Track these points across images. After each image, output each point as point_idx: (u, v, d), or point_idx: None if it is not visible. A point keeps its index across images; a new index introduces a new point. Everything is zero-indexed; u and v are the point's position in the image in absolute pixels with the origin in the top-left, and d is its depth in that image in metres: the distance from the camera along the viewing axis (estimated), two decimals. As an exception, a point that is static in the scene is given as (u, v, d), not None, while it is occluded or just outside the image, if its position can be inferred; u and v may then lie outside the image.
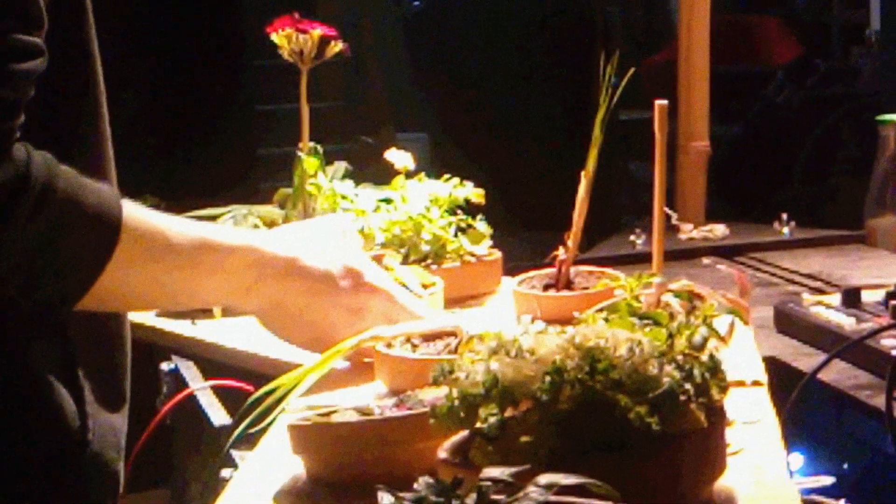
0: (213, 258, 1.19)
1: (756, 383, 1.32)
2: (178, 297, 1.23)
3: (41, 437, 1.10)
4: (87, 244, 1.06)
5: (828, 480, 1.31)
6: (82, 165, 1.07)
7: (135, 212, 1.11)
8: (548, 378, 0.93)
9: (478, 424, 0.94)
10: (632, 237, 2.41)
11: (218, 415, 1.59)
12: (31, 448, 1.10)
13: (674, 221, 2.48)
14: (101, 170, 1.14)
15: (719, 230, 2.50)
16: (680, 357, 0.98)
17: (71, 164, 1.05)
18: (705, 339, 1.04)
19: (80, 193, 1.04)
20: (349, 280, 1.30)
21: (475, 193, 1.79)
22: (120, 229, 1.07)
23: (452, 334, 1.35)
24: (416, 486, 0.82)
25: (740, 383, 1.30)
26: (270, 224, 1.96)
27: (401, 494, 0.82)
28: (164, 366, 1.81)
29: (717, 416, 0.99)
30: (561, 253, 1.57)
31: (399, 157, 1.77)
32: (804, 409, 1.45)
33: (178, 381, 1.76)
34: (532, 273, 1.63)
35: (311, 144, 1.96)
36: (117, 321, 1.19)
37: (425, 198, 1.75)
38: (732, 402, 1.05)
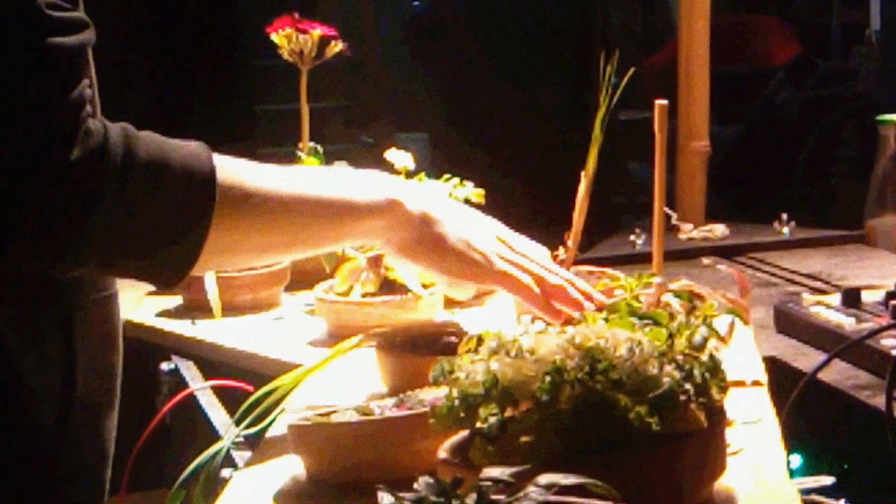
0: (351, 220, 1.17)
1: (756, 383, 1.32)
2: (302, 250, 1.21)
3: (17, 440, 1.08)
4: (182, 208, 1.02)
5: (828, 480, 1.31)
6: None
7: (239, 170, 1.08)
8: (548, 378, 0.93)
9: (478, 424, 0.94)
10: (632, 237, 2.41)
11: (218, 415, 1.59)
12: (6, 450, 1.07)
13: (674, 221, 2.47)
14: None
15: (719, 230, 2.50)
16: (680, 357, 0.98)
17: None
18: (705, 339, 1.04)
19: (164, 156, 1.01)
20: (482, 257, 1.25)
21: (475, 193, 1.79)
22: (214, 185, 1.03)
23: (452, 334, 1.35)
24: (416, 486, 0.82)
25: (740, 383, 1.30)
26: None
27: (401, 494, 0.82)
28: (164, 366, 1.82)
29: (717, 416, 0.99)
30: (561, 253, 1.57)
31: (399, 157, 1.77)
32: (804, 409, 1.45)
33: (178, 381, 1.76)
34: (532, 273, 1.63)
35: (311, 144, 1.96)
36: (110, 320, 1.17)
37: (425, 198, 1.75)
38: (732, 402, 1.05)
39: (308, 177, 1.17)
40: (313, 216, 1.14)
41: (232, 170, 1.07)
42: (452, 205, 1.29)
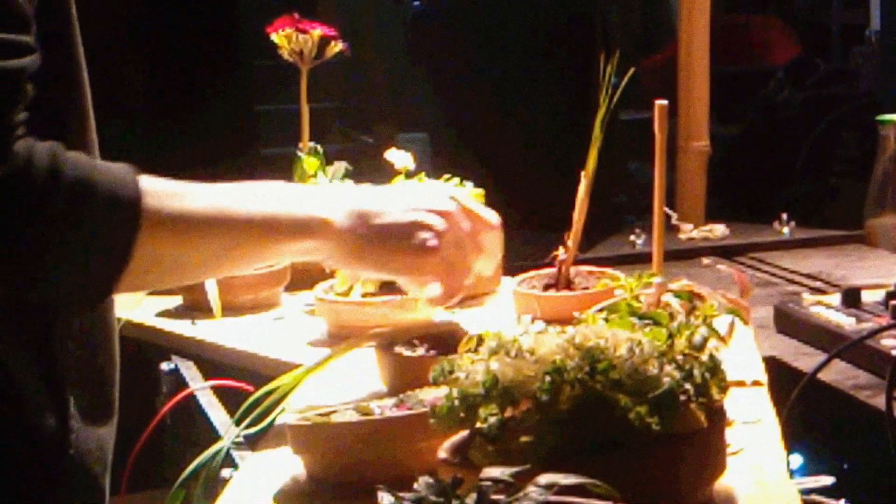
0: (276, 241, 1.17)
1: (756, 383, 1.32)
2: (233, 268, 1.22)
3: (18, 450, 1.07)
4: (104, 231, 1.02)
5: (828, 480, 1.31)
6: None
7: (165, 191, 1.07)
8: (548, 378, 0.93)
9: (478, 424, 0.94)
10: (632, 237, 2.41)
11: (218, 415, 1.59)
12: (8, 461, 1.07)
13: (674, 221, 2.48)
14: None
15: (719, 230, 2.50)
16: (680, 357, 0.98)
17: None
18: (705, 339, 1.04)
19: (89, 179, 1.01)
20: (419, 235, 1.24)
21: (475, 193, 1.79)
22: (139, 209, 1.03)
23: (452, 334, 1.35)
24: (416, 486, 0.82)
25: (740, 383, 1.30)
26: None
27: (401, 494, 0.82)
28: (164, 366, 1.82)
29: (717, 416, 0.99)
30: (561, 253, 1.57)
31: (399, 157, 1.77)
32: (804, 409, 1.45)
33: (178, 381, 1.76)
34: (532, 273, 1.63)
35: (311, 144, 1.96)
36: (105, 329, 1.16)
37: (425, 198, 1.75)
38: (732, 402, 1.05)
39: (237, 196, 1.15)
40: (238, 237, 1.14)
41: (158, 192, 1.06)
42: (380, 195, 1.27)
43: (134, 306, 1.93)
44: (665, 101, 1.45)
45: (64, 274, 1.02)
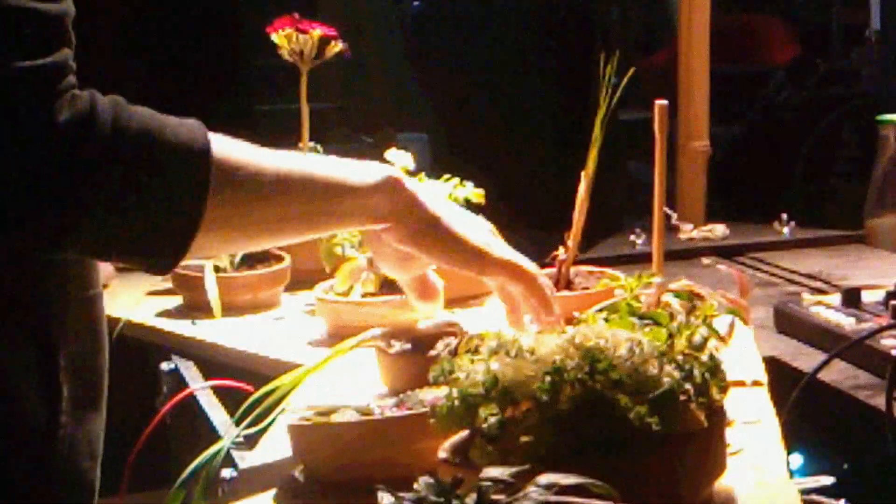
0: (350, 198, 1.13)
1: (756, 383, 1.32)
2: (300, 229, 1.14)
3: (6, 443, 1.06)
4: (176, 181, 0.98)
5: (828, 480, 1.31)
6: None
7: (240, 150, 1.04)
8: (548, 378, 0.93)
9: (478, 424, 0.94)
10: (632, 237, 2.41)
11: (218, 415, 1.59)
12: None
13: (674, 221, 2.48)
14: None
15: (719, 230, 2.50)
16: (680, 357, 0.98)
17: None
18: (705, 339, 1.04)
19: (157, 126, 0.97)
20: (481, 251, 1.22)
21: (475, 193, 1.79)
22: (209, 156, 0.99)
23: (452, 334, 1.35)
24: (416, 486, 0.82)
25: (740, 383, 1.30)
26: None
27: (401, 494, 0.82)
28: (164, 366, 1.81)
29: (717, 416, 0.99)
30: (561, 253, 1.57)
31: (399, 157, 1.77)
32: (804, 409, 1.45)
33: (178, 381, 1.76)
34: (532, 273, 1.63)
35: (311, 144, 1.96)
36: (94, 321, 1.14)
37: (425, 198, 1.75)
38: (732, 402, 1.05)
39: (304, 158, 1.14)
40: (311, 192, 1.10)
41: (227, 145, 1.03)
42: (442, 198, 1.27)
43: (134, 306, 1.93)
44: (665, 101, 1.45)
45: (137, 231, 0.98)
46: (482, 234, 1.23)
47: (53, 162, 0.93)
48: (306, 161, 1.13)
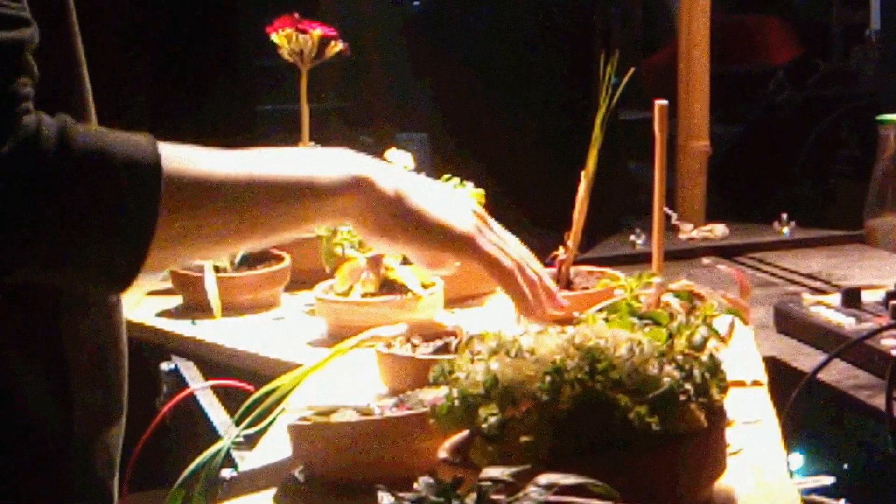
0: (314, 200, 1.10)
1: (756, 383, 1.32)
2: (266, 235, 1.10)
3: (21, 454, 1.06)
4: (126, 198, 0.96)
5: (828, 480, 1.31)
6: None
7: (189, 156, 1.02)
8: (548, 378, 0.93)
9: (478, 424, 0.94)
10: (632, 237, 2.41)
11: (218, 415, 1.59)
12: (10, 465, 1.05)
13: (674, 221, 2.47)
14: None
15: (719, 230, 2.50)
16: (680, 357, 0.98)
17: None
18: (705, 339, 1.04)
19: (104, 145, 0.96)
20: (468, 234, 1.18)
21: (475, 193, 1.79)
22: (159, 171, 0.97)
23: (452, 334, 1.36)
24: (416, 486, 0.83)
25: (740, 383, 1.30)
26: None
27: (401, 494, 0.82)
28: (164, 366, 1.81)
29: (717, 416, 0.99)
30: (561, 253, 1.57)
31: (399, 157, 1.77)
32: (804, 409, 1.45)
33: (178, 381, 1.76)
34: (532, 273, 1.63)
35: (311, 144, 1.96)
36: (113, 329, 1.13)
37: (425, 198, 1.75)
38: (732, 402, 1.05)
39: (264, 159, 1.09)
40: (272, 198, 1.07)
41: (179, 158, 1.01)
42: (426, 181, 1.24)
43: (134, 306, 1.93)
44: (665, 101, 1.45)
45: (89, 250, 0.96)
46: (466, 219, 1.19)
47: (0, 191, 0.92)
48: (267, 161, 1.09)
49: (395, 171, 1.18)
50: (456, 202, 1.21)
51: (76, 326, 1.09)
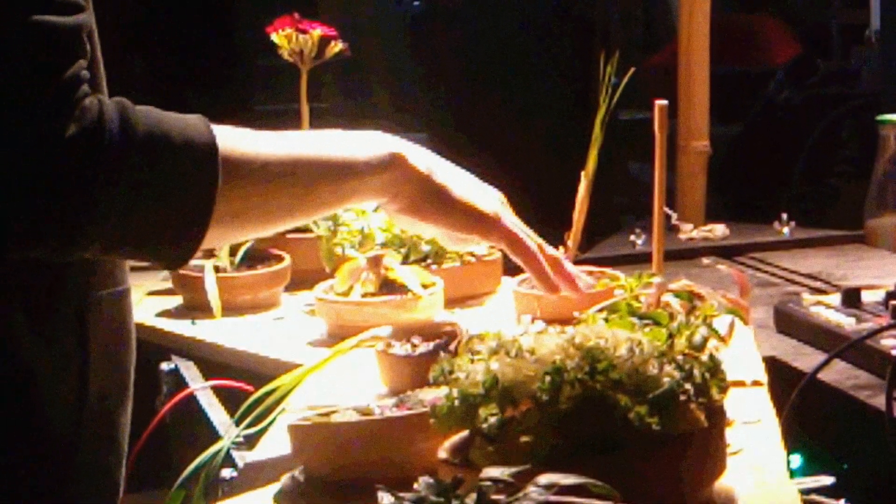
0: (354, 178, 1.17)
1: (756, 383, 1.32)
2: (307, 213, 1.18)
3: (30, 442, 1.07)
4: (186, 177, 1.01)
5: (828, 480, 1.31)
6: None
7: (242, 139, 1.08)
8: (548, 378, 0.93)
9: (478, 424, 0.94)
10: (632, 237, 2.41)
11: (218, 415, 1.59)
12: (19, 452, 1.07)
13: (674, 221, 2.48)
14: None
15: (719, 230, 2.50)
16: (680, 357, 0.98)
17: None
18: (705, 339, 1.04)
19: (164, 128, 1.01)
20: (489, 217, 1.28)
21: (475, 193, 1.79)
22: (216, 151, 1.03)
23: (452, 334, 1.35)
24: (416, 486, 0.83)
25: (740, 383, 1.30)
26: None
27: (401, 494, 0.82)
28: (164, 366, 1.81)
29: (717, 416, 0.99)
30: (561, 253, 1.57)
31: (399, 157, 1.77)
32: (804, 409, 1.45)
33: (178, 381, 1.76)
34: (532, 273, 1.63)
35: (311, 144, 1.96)
36: (124, 319, 1.16)
37: (425, 198, 1.75)
38: (732, 402, 1.05)
39: (307, 139, 1.17)
40: (315, 177, 1.14)
41: (231, 138, 1.07)
42: (452, 165, 1.30)
43: (134, 306, 1.92)
44: (665, 101, 1.45)
45: (151, 229, 1.01)
46: (491, 201, 1.28)
47: (65, 175, 0.96)
48: (311, 142, 1.16)
49: (423, 150, 1.25)
50: (480, 184, 1.30)
51: (100, 305, 1.11)
